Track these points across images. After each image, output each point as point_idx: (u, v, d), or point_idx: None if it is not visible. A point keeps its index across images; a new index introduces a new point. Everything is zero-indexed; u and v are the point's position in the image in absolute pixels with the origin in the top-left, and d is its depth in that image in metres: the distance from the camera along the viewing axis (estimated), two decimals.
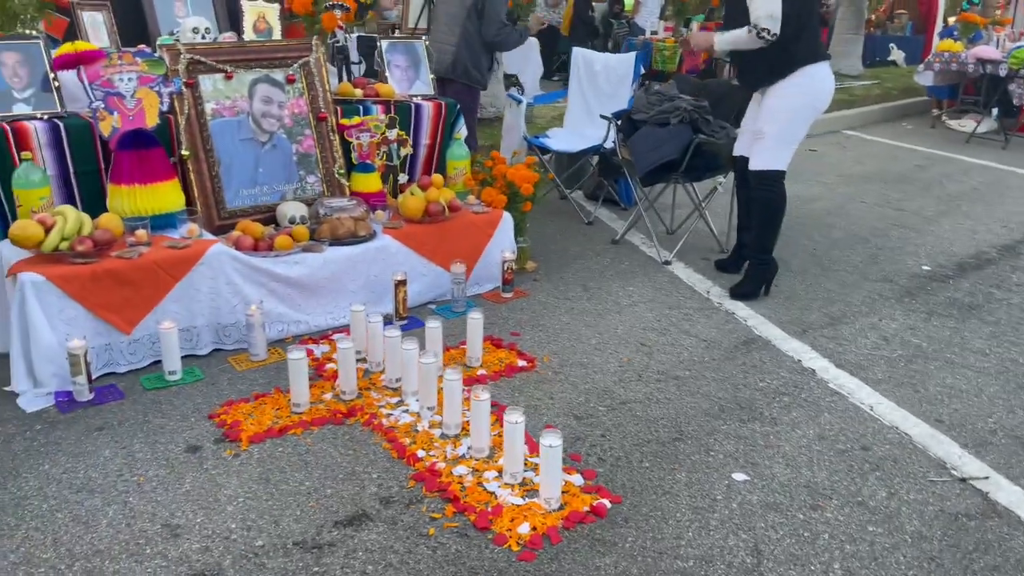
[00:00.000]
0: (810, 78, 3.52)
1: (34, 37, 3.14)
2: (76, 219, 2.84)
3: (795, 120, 3.59)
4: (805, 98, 3.56)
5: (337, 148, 3.66)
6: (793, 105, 3.54)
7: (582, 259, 4.35)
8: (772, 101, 3.56)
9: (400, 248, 3.50)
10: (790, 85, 3.50)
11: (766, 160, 3.63)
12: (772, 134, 3.57)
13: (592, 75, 5.28)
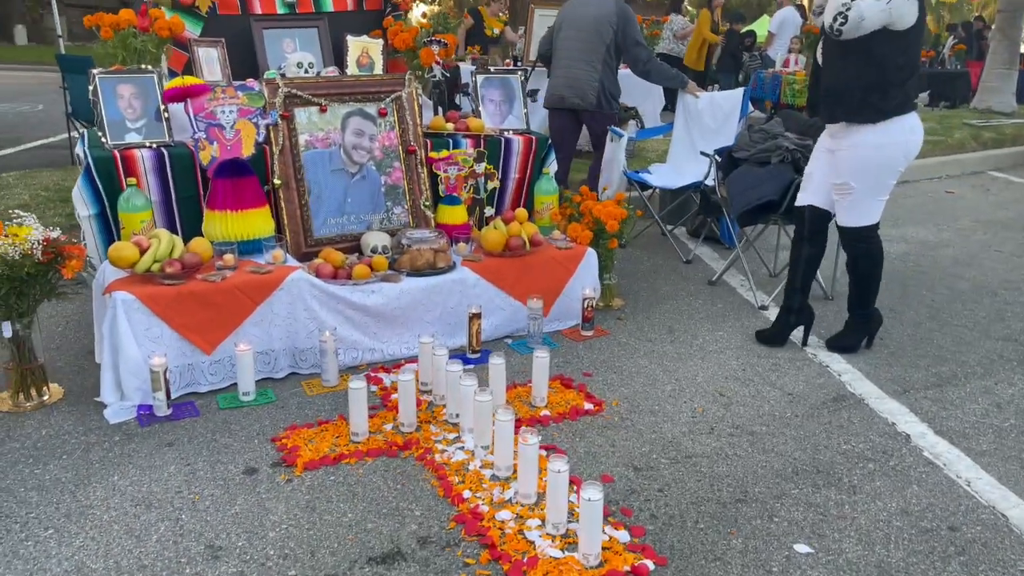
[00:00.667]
0: (902, 128, 3.21)
1: (149, 71, 3.37)
2: (168, 242, 3.01)
3: (886, 173, 3.28)
4: (897, 149, 3.24)
5: (424, 180, 3.71)
6: (884, 157, 3.23)
7: (673, 299, 4.20)
8: (861, 151, 3.23)
9: (478, 281, 3.49)
10: (881, 134, 3.19)
11: (860, 216, 3.34)
12: (863, 189, 3.27)
13: (698, 110, 5.14)
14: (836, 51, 3.21)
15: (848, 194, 3.30)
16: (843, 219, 3.38)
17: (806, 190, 3.50)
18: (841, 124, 3.26)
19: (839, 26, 2.95)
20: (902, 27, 3.03)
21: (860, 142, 3.21)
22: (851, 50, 3.11)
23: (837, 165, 3.32)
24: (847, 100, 3.19)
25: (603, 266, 3.94)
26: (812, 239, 3.49)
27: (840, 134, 3.29)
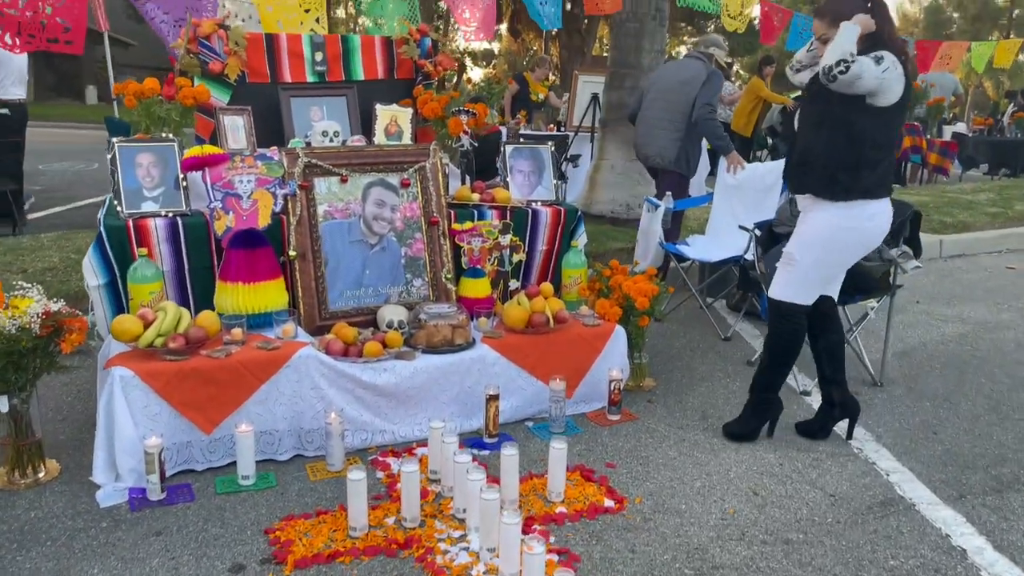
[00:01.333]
0: (863, 213, 3.01)
1: (169, 140, 3.34)
2: (174, 316, 2.91)
3: (835, 255, 3.11)
4: (852, 234, 3.04)
5: (447, 252, 3.58)
6: (837, 238, 3.04)
7: (709, 380, 3.96)
8: (815, 226, 3.05)
9: (498, 359, 3.32)
10: (841, 215, 3.00)
11: (793, 291, 3.14)
12: (807, 264, 3.08)
13: (739, 181, 4.95)
14: (813, 120, 3.06)
15: (790, 264, 3.12)
16: (775, 289, 3.19)
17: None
18: (808, 196, 3.08)
19: (838, 72, 2.76)
20: (885, 102, 2.90)
21: (819, 218, 3.04)
22: (829, 121, 2.98)
23: (793, 236, 3.15)
24: (817, 173, 3.02)
25: (633, 344, 3.73)
26: (825, 328, 3.28)
27: (806, 207, 3.12)
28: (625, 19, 6.30)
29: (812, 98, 3.10)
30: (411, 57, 4.16)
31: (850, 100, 2.89)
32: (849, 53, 2.76)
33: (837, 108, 2.93)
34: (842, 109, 2.92)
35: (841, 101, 2.91)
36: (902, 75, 2.89)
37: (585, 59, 22.69)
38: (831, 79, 2.79)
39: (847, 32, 2.81)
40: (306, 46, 4.03)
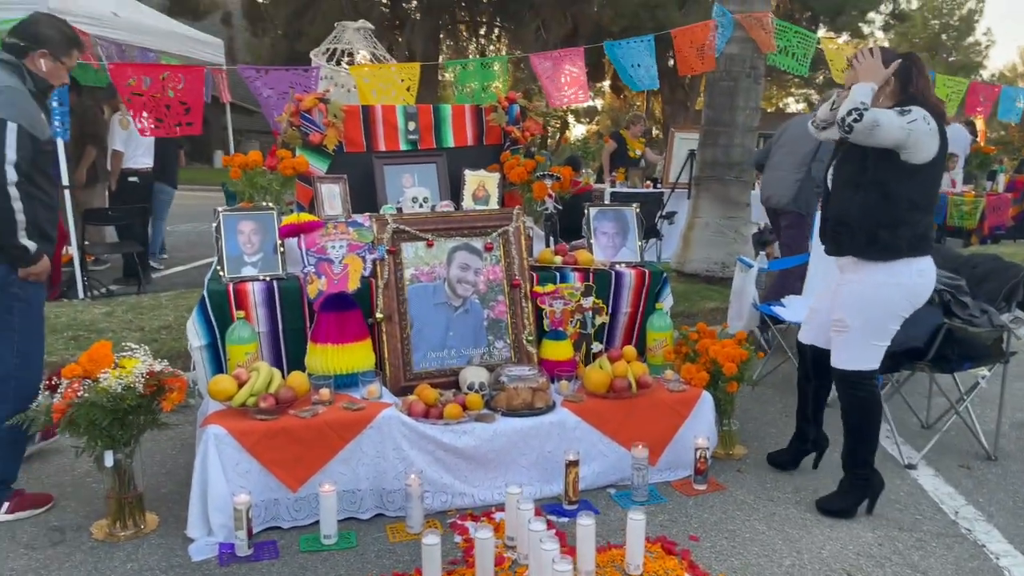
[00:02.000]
0: (910, 271, 2.96)
1: (269, 209, 3.54)
2: (266, 376, 3.05)
3: (887, 315, 3.02)
4: (902, 291, 2.97)
5: (529, 315, 3.61)
6: (887, 298, 2.98)
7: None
8: (862, 288, 3.00)
9: (579, 424, 3.29)
10: (887, 273, 2.95)
11: (854, 358, 3.06)
12: (859, 328, 3.01)
13: None
14: (848, 181, 3.02)
15: (843, 331, 3.06)
16: (836, 359, 3.13)
17: (808, 326, 3.38)
18: (848, 258, 3.05)
19: (852, 121, 2.76)
20: (919, 160, 2.87)
21: (864, 278, 3.00)
22: (864, 182, 2.96)
23: (837, 299, 3.11)
24: (855, 234, 2.99)
25: (722, 411, 3.63)
26: (818, 376, 3.37)
27: (847, 268, 3.09)
28: (719, 78, 6.28)
29: (844, 158, 3.07)
30: (499, 124, 4.28)
31: (884, 159, 2.87)
32: (860, 102, 2.78)
33: (871, 168, 2.91)
34: (876, 169, 2.90)
35: (875, 161, 2.90)
36: (936, 131, 2.85)
37: (688, 113, 22.67)
38: (847, 130, 2.79)
39: (860, 85, 2.86)
40: (400, 116, 4.22)
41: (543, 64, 5.46)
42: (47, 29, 3.07)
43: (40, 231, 3.00)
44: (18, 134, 2.84)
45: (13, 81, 2.95)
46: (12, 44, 3.00)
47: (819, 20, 23.11)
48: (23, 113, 2.88)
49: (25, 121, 2.87)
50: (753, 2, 6.06)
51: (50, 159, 3.15)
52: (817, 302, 3.38)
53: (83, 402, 2.68)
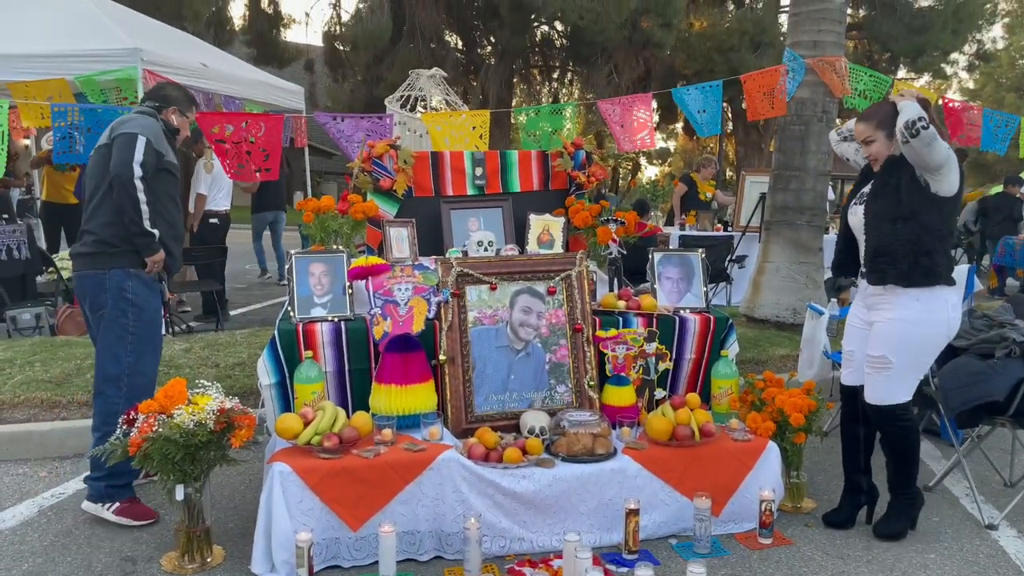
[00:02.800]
0: (945, 305, 3.14)
1: (339, 252, 3.66)
2: (331, 415, 3.12)
3: (927, 351, 3.20)
4: (940, 327, 3.15)
5: (591, 359, 3.60)
6: (927, 334, 3.14)
7: (877, 505, 3.62)
8: (903, 325, 3.12)
9: (640, 471, 3.24)
10: (925, 311, 3.10)
11: (893, 392, 3.19)
12: (904, 366, 3.15)
13: None
14: (884, 215, 3.18)
15: (886, 368, 3.17)
16: (874, 395, 3.24)
17: (849, 368, 3.43)
18: (878, 296, 3.21)
19: (921, 127, 2.88)
20: (946, 192, 3.08)
21: (903, 315, 3.13)
22: (900, 214, 3.13)
23: (876, 337, 3.20)
24: (898, 262, 3.13)
25: (789, 462, 3.53)
26: (867, 418, 3.36)
27: (879, 305, 3.21)
28: (789, 122, 6.21)
29: (876, 195, 3.21)
30: (565, 169, 4.33)
31: (916, 192, 3.08)
32: (921, 115, 2.90)
33: (905, 200, 3.10)
34: (910, 201, 3.09)
35: (908, 194, 3.09)
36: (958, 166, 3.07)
37: (762, 155, 22.40)
38: (914, 133, 2.90)
39: (911, 103, 2.97)
40: (468, 162, 4.32)
41: (611, 109, 5.51)
42: (173, 91, 3.70)
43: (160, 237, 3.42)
44: (145, 145, 3.32)
45: (148, 120, 3.47)
46: (149, 104, 3.60)
47: (899, 61, 22.63)
48: (151, 132, 3.38)
49: (152, 137, 3.36)
50: (825, 46, 6.00)
51: (174, 184, 3.53)
52: (849, 343, 3.44)
53: (157, 437, 2.79)
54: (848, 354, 3.44)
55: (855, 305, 3.41)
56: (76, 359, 4.98)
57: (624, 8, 16.89)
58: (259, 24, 19.62)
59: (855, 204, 3.34)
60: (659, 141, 33.71)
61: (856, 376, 3.38)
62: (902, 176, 3.12)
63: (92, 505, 3.38)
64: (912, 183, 3.09)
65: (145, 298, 3.43)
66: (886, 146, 3.19)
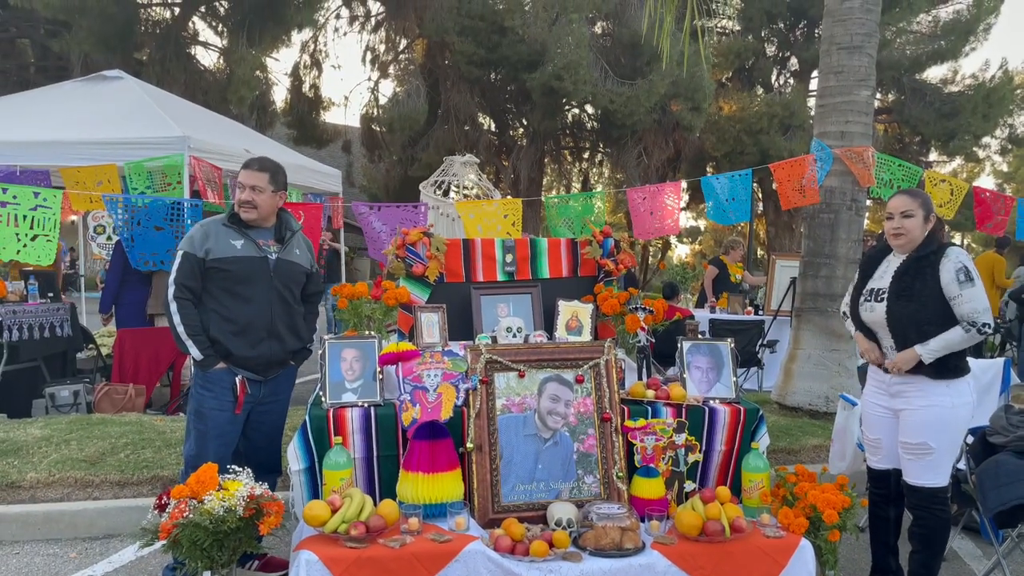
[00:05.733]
0: (970, 389, 3.33)
1: (371, 337, 3.72)
2: (359, 504, 3.13)
3: (962, 434, 3.39)
4: (968, 409, 3.30)
5: (620, 450, 3.58)
6: (961, 417, 3.30)
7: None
8: (940, 412, 3.28)
9: (669, 568, 3.17)
10: (957, 392, 3.28)
11: (939, 476, 3.33)
12: (944, 449, 3.29)
13: None
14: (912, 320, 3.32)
15: (928, 454, 3.30)
16: (917, 478, 3.35)
17: (879, 455, 3.56)
18: (905, 384, 3.34)
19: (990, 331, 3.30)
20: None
21: (935, 402, 3.28)
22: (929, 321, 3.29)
23: (910, 426, 3.33)
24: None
25: (824, 561, 3.43)
26: (899, 501, 3.52)
27: (907, 393, 3.35)
28: (819, 210, 6.25)
29: (899, 297, 3.34)
30: (594, 257, 4.40)
31: (943, 302, 3.25)
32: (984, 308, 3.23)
33: (931, 308, 3.26)
34: (935, 308, 3.26)
35: (934, 302, 3.26)
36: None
37: (794, 235, 22.41)
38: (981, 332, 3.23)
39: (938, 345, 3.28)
40: (498, 249, 4.41)
41: (637, 197, 5.61)
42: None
43: (215, 340, 3.53)
44: (181, 259, 3.51)
45: (210, 219, 3.64)
46: None
47: (930, 144, 22.74)
48: (193, 238, 3.53)
49: (190, 246, 3.51)
50: (853, 136, 6.08)
51: (233, 276, 3.54)
52: (872, 431, 3.58)
53: (187, 523, 2.82)
54: (874, 441, 3.57)
55: (872, 393, 3.54)
56: (111, 438, 5.06)
57: (654, 93, 17.28)
58: (299, 107, 20.37)
59: (869, 301, 3.41)
60: (689, 220, 33.91)
61: (886, 461, 3.53)
62: (926, 281, 3.25)
63: None
64: (938, 292, 3.26)
65: (206, 397, 3.55)
66: (921, 228, 3.35)
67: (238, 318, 3.54)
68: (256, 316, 3.57)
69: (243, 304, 3.55)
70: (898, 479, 3.45)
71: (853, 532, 3.47)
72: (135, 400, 6.11)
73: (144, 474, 4.54)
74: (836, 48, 6.19)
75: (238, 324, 3.54)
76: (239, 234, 3.56)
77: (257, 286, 3.57)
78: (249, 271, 3.55)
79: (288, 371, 3.82)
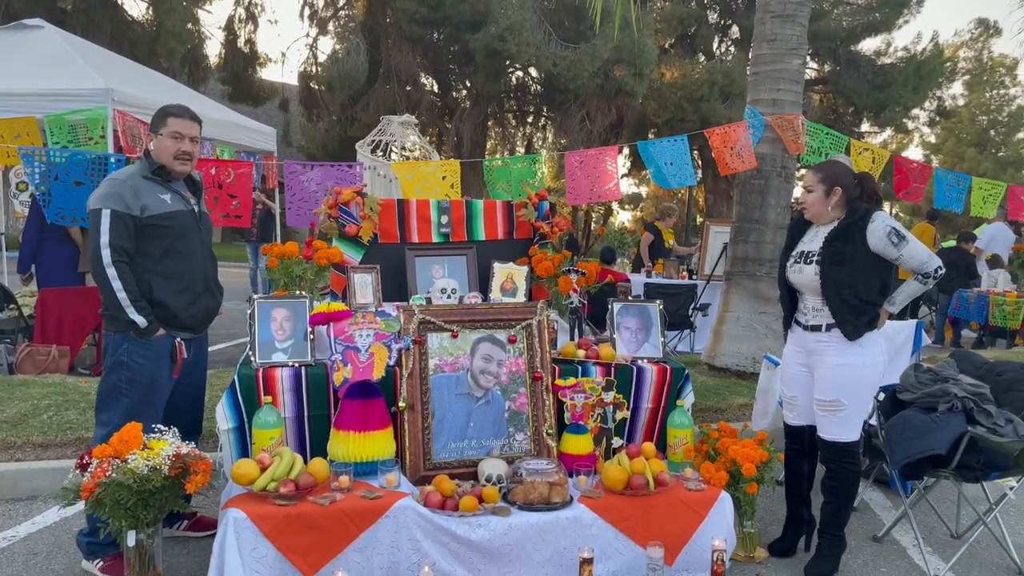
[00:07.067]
0: (879, 346, 3.46)
1: (302, 297, 3.69)
2: (288, 462, 3.13)
3: (872, 389, 3.53)
4: (880, 369, 3.45)
5: (550, 408, 3.66)
6: (872, 375, 3.44)
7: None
8: (853, 371, 3.40)
9: (595, 520, 3.28)
10: (870, 354, 3.40)
11: (850, 432, 3.46)
12: (853, 404, 3.41)
13: None
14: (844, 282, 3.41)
15: (839, 411, 3.42)
16: (830, 433, 3.48)
17: (795, 411, 3.68)
18: (821, 342, 3.47)
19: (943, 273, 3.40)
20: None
21: (848, 361, 3.40)
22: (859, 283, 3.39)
23: (824, 383, 3.45)
24: (854, 319, 3.39)
25: (743, 512, 3.58)
26: (812, 456, 3.68)
27: (822, 351, 3.46)
28: (750, 176, 6.39)
29: (830, 262, 3.41)
30: (529, 220, 4.43)
31: (873, 263, 3.37)
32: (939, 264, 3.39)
33: (862, 270, 3.36)
34: (866, 271, 3.37)
35: (865, 265, 3.36)
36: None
37: (732, 203, 22.86)
38: (936, 278, 3.40)
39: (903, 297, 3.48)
40: (433, 210, 4.40)
41: (575, 161, 5.65)
42: (154, 118, 3.45)
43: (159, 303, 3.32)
44: (111, 219, 3.20)
45: (124, 171, 3.37)
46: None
47: (863, 115, 23.33)
48: (117, 196, 3.23)
49: (118, 204, 3.22)
50: (784, 104, 6.22)
51: (170, 233, 3.33)
52: (790, 388, 3.70)
53: (110, 482, 2.78)
54: (791, 399, 3.69)
55: (791, 351, 3.66)
56: (33, 399, 4.93)
57: (597, 57, 17.29)
58: (235, 62, 19.78)
59: (798, 263, 3.49)
60: (631, 187, 34.22)
61: (801, 418, 3.65)
62: (856, 246, 3.35)
63: (87, 563, 3.32)
64: (867, 255, 3.36)
65: (142, 364, 3.31)
66: (822, 203, 3.46)
67: (181, 276, 3.39)
68: (193, 272, 3.45)
69: (182, 261, 3.40)
70: (812, 435, 3.59)
71: (771, 485, 3.62)
72: (59, 361, 5.95)
73: (68, 436, 4.44)
74: (770, 17, 6.29)
75: (181, 282, 3.40)
76: (165, 188, 3.37)
77: (191, 241, 3.44)
78: (183, 226, 3.40)
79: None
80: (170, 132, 3.37)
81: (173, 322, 3.39)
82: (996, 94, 33.91)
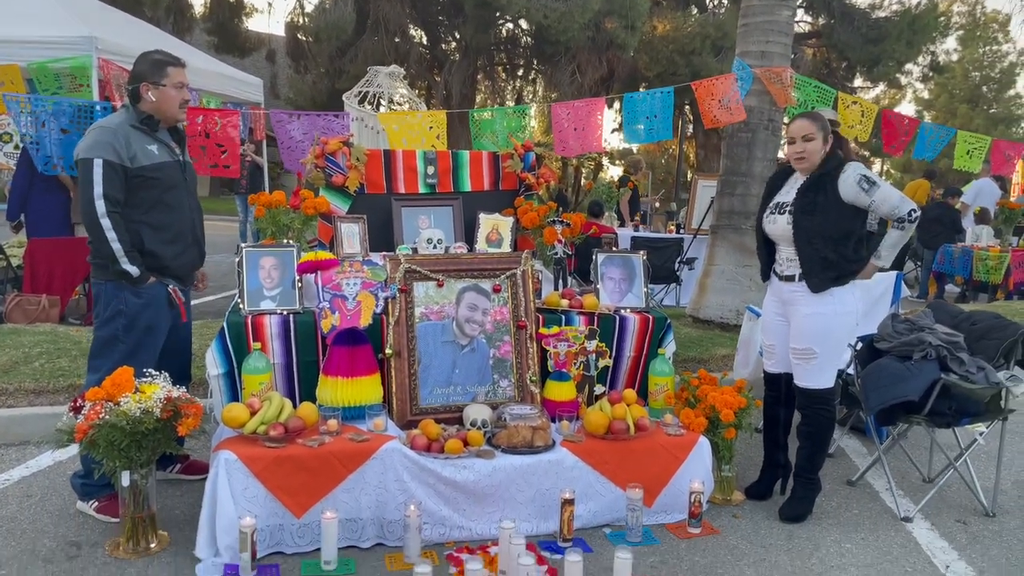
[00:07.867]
0: (852, 295, 3.49)
1: (289, 246, 3.73)
2: (277, 406, 3.20)
3: (845, 337, 3.58)
4: (853, 317, 3.49)
5: (534, 356, 3.73)
6: (845, 324, 3.48)
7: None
8: (825, 320, 3.44)
9: (577, 463, 3.38)
10: (842, 303, 3.44)
11: (824, 379, 3.53)
12: (826, 352, 3.48)
13: None
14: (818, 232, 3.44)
15: (812, 358, 3.49)
16: (809, 382, 3.54)
17: (773, 359, 3.76)
18: (795, 292, 3.51)
19: (918, 216, 3.41)
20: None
21: (820, 311, 3.44)
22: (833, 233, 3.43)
23: (798, 332, 3.51)
24: (829, 270, 3.42)
25: (720, 457, 3.70)
26: (789, 403, 3.74)
27: (796, 300, 3.51)
28: (737, 129, 6.41)
29: (805, 212, 3.44)
30: (515, 171, 4.46)
31: (847, 212, 3.39)
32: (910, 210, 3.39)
33: (834, 220, 3.39)
34: (839, 220, 3.39)
35: (839, 214, 3.39)
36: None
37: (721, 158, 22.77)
38: (912, 221, 3.39)
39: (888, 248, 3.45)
40: (420, 161, 4.42)
41: (562, 112, 5.64)
42: (139, 65, 3.38)
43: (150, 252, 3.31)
44: (103, 169, 3.17)
45: (111, 120, 3.32)
46: (130, 89, 3.38)
47: (855, 70, 23.16)
48: (108, 145, 3.20)
49: (110, 154, 3.19)
50: (773, 57, 6.21)
51: (160, 184, 3.33)
52: (768, 337, 3.77)
53: (104, 424, 2.85)
54: (769, 347, 3.77)
55: (769, 300, 3.72)
56: (24, 347, 4.98)
57: (588, 9, 17.05)
58: (220, 12, 19.39)
59: (773, 214, 3.54)
60: (621, 142, 34.00)
61: (779, 365, 3.73)
62: (828, 195, 3.38)
63: (82, 503, 3.41)
64: (839, 204, 3.38)
65: (138, 310, 3.31)
66: (821, 150, 3.45)
67: (170, 226, 3.39)
68: (181, 222, 3.45)
69: (170, 212, 3.39)
70: (789, 382, 3.67)
71: (749, 431, 3.73)
72: (49, 311, 5.98)
73: (60, 382, 4.50)
74: None
75: (170, 232, 3.39)
76: (151, 138, 3.35)
77: (178, 191, 3.44)
78: (171, 177, 3.39)
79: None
80: (174, 82, 3.36)
81: (163, 272, 3.41)
82: (989, 50, 33.70)
